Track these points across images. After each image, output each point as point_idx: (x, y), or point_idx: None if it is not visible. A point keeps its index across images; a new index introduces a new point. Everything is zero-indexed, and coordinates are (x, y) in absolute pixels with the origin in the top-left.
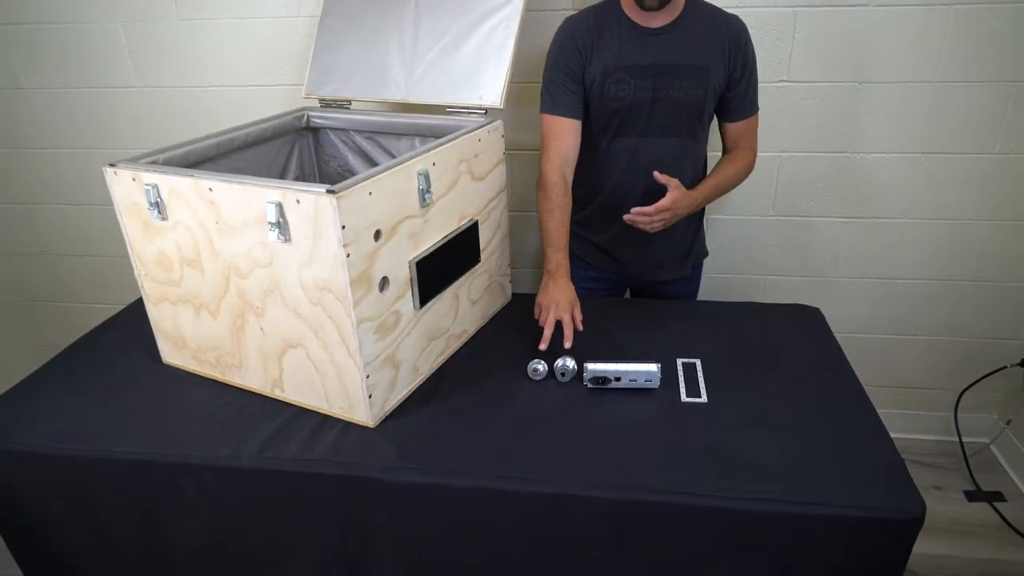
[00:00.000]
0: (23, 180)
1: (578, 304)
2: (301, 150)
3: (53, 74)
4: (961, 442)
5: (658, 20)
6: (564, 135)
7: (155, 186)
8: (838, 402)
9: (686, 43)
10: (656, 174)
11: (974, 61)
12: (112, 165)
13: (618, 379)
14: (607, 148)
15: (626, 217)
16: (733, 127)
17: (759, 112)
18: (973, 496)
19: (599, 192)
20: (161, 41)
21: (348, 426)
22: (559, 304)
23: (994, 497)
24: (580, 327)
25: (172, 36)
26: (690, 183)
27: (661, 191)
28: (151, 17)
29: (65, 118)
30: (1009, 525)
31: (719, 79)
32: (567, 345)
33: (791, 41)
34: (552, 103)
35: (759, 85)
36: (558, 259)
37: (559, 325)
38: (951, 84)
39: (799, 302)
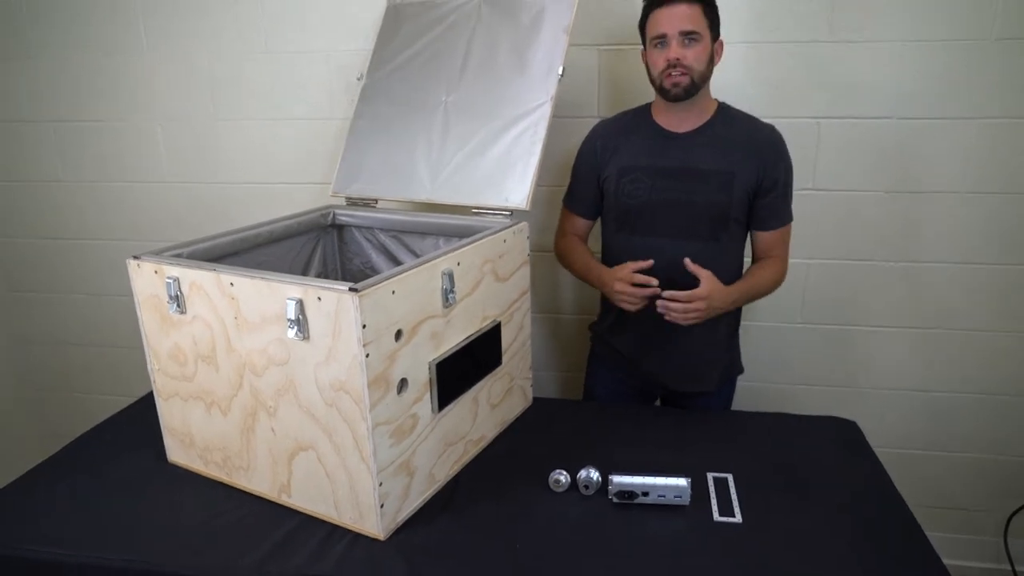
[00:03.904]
0: (50, 270)
1: (623, 269)
2: (325, 247)
3: (91, 168)
4: (1014, 571)
5: (685, 125)
6: (578, 227)
7: (176, 279)
8: (885, 527)
9: (712, 147)
10: (687, 262)
11: (1005, 173)
12: (136, 258)
13: (646, 494)
14: (624, 246)
15: (659, 304)
16: (764, 236)
17: (792, 222)
18: None
19: None
20: (196, 140)
21: (357, 538)
22: (614, 288)
23: None
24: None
25: (207, 135)
26: None
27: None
28: (189, 117)
29: (98, 210)
30: None
31: (747, 185)
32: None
33: (815, 150)
34: (571, 199)
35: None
36: (597, 273)
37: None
38: (982, 195)
39: (830, 412)
